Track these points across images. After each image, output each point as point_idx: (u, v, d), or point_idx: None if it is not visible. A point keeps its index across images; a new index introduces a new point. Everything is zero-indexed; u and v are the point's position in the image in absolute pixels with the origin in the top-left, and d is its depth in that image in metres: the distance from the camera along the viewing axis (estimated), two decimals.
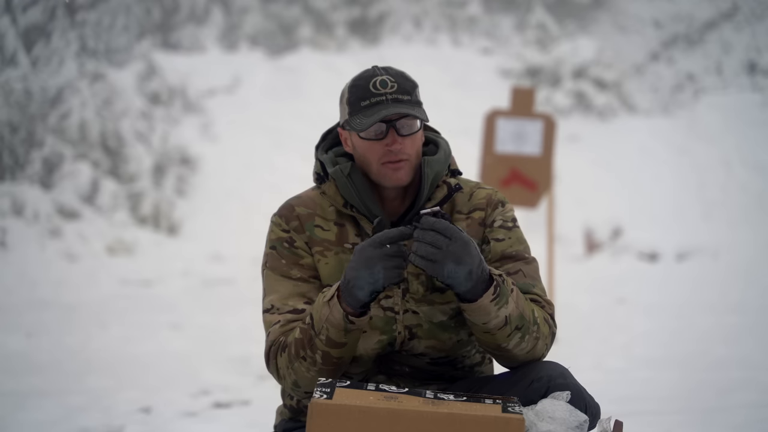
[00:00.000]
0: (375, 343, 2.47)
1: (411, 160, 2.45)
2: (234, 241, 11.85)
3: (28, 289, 9.64)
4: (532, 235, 4.42)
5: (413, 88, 2.45)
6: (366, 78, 2.45)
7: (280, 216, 2.54)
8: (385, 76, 2.44)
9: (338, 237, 2.50)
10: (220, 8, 17.89)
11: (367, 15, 18.16)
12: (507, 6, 18.40)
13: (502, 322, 2.32)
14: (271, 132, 14.21)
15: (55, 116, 12.42)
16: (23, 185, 11.56)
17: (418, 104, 2.45)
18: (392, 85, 2.43)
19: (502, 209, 2.54)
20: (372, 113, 2.40)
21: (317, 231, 2.51)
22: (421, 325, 2.47)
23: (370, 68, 2.49)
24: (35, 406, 5.36)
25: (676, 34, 17.15)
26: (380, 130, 2.43)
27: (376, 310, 2.46)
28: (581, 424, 2.26)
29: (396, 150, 2.42)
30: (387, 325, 2.47)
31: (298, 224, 2.52)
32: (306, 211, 2.53)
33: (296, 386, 2.41)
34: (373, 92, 2.42)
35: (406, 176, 2.45)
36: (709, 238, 12.34)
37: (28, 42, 12.61)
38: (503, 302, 2.31)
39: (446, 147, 2.57)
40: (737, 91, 15.33)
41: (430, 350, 2.49)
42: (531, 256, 2.53)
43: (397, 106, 2.41)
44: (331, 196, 2.51)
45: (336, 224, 2.51)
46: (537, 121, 7.71)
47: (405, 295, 2.47)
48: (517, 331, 2.34)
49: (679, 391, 5.64)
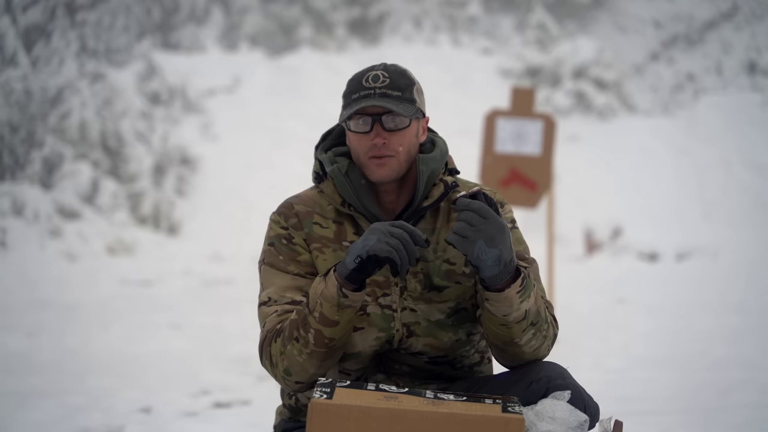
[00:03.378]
0: (373, 340, 2.47)
1: (398, 156, 2.45)
2: (234, 241, 11.85)
3: (28, 289, 9.64)
4: (532, 235, 4.43)
5: (408, 86, 2.45)
6: (362, 72, 2.48)
7: (279, 214, 2.55)
8: (380, 71, 2.45)
9: (336, 234, 2.51)
10: (220, 8, 17.89)
11: (367, 15, 18.17)
12: (507, 6, 18.41)
13: (521, 316, 2.33)
14: (271, 132, 14.21)
15: (55, 116, 12.42)
16: (23, 185, 11.57)
17: (408, 101, 2.44)
18: (384, 80, 2.43)
19: (501, 210, 2.53)
20: (355, 105, 2.42)
21: (316, 228, 2.51)
22: (418, 322, 2.48)
23: (375, 64, 2.51)
24: (35, 406, 5.36)
25: (676, 34, 17.16)
26: (366, 123, 2.43)
27: (374, 308, 2.47)
28: (581, 424, 2.27)
29: (379, 144, 2.42)
30: (385, 323, 2.47)
31: (297, 221, 2.52)
32: (305, 208, 2.54)
33: (287, 374, 2.40)
34: (363, 86, 2.43)
35: (390, 172, 2.45)
36: (709, 238, 12.34)
37: (28, 42, 12.62)
38: (526, 296, 2.32)
39: (443, 145, 2.57)
40: (737, 91, 15.34)
41: (428, 348, 2.50)
42: (531, 257, 2.54)
43: (381, 100, 2.41)
44: (329, 195, 2.52)
45: (335, 222, 2.52)
46: (537, 121, 7.71)
47: (403, 293, 2.48)
48: (532, 326, 2.36)
49: (679, 391, 5.65)
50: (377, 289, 2.47)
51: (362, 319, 2.47)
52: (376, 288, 2.47)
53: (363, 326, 2.46)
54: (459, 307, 2.49)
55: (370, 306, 2.47)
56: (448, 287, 2.48)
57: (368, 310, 2.47)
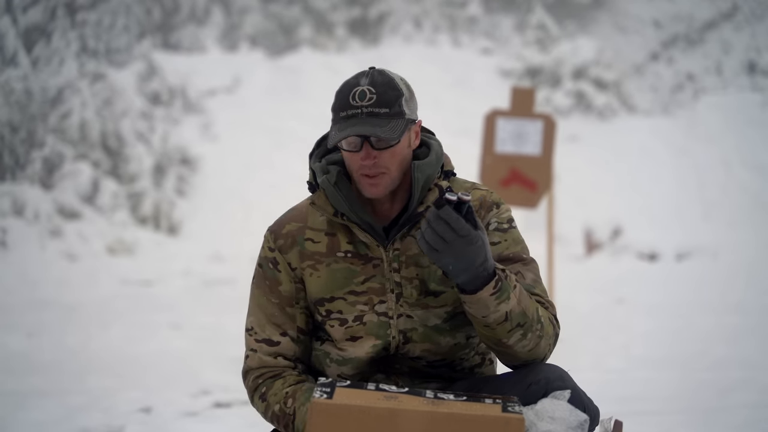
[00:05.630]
0: (369, 348, 2.47)
1: (390, 173, 2.41)
2: (234, 241, 11.85)
3: (28, 289, 9.65)
4: (532, 235, 4.44)
5: (396, 99, 2.38)
6: (349, 86, 2.41)
7: (271, 232, 2.55)
8: (366, 86, 2.38)
9: (329, 247, 2.49)
10: (220, 8, 17.90)
11: (367, 15, 18.17)
12: (507, 6, 18.42)
13: (502, 317, 2.32)
14: (271, 132, 14.22)
15: (56, 116, 12.43)
16: (24, 185, 11.57)
17: (397, 116, 2.38)
18: (371, 97, 2.37)
19: (496, 211, 2.51)
20: (344, 127, 2.38)
21: (308, 244, 2.50)
22: (415, 329, 2.47)
23: (362, 71, 2.45)
24: (35, 406, 5.36)
25: (676, 34, 17.17)
26: (356, 142, 2.40)
27: (371, 316, 2.46)
28: (581, 423, 2.26)
29: (369, 164, 2.39)
30: (381, 330, 2.47)
31: (284, 243, 2.51)
32: (297, 225, 2.52)
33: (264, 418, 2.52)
34: (350, 104, 2.38)
35: (383, 190, 2.42)
36: (709, 238, 12.34)
37: (29, 42, 12.62)
38: (504, 297, 2.30)
39: (438, 148, 2.53)
40: (737, 91, 15.35)
41: (426, 353, 2.49)
42: (529, 256, 2.52)
43: (370, 120, 2.36)
44: (321, 206, 2.49)
45: (327, 234, 2.50)
46: (537, 121, 7.71)
47: (399, 300, 2.46)
48: (519, 327, 2.34)
49: (679, 391, 5.65)
50: (374, 297, 2.46)
51: (359, 329, 2.47)
52: (373, 296, 2.46)
53: (360, 336, 2.47)
54: (456, 312, 2.47)
55: (367, 315, 2.46)
56: (444, 292, 2.46)
57: (365, 319, 2.46)
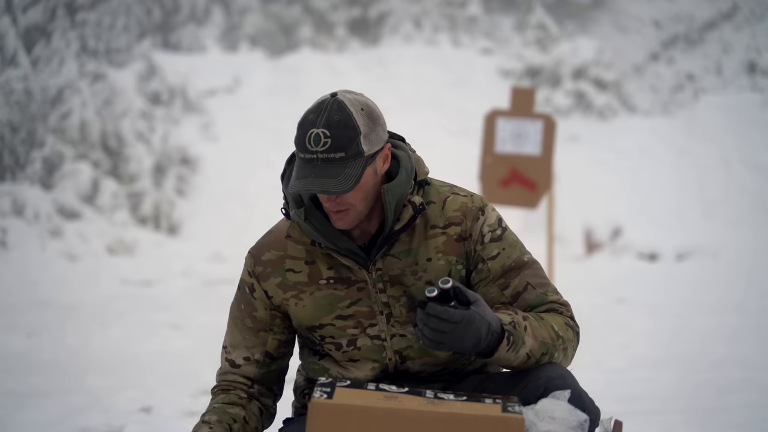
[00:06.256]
0: (369, 371, 2.48)
1: (355, 207, 2.37)
2: (234, 241, 11.83)
3: (28, 289, 9.64)
4: (532, 235, 4.44)
5: (351, 141, 2.30)
6: (307, 124, 2.33)
7: (252, 255, 2.53)
8: (321, 129, 2.30)
9: (310, 276, 2.46)
10: (220, 8, 17.89)
11: (367, 15, 18.17)
12: (507, 6, 18.41)
13: (524, 360, 2.35)
14: (271, 132, 14.21)
15: (56, 116, 12.42)
16: (23, 185, 11.56)
17: (354, 157, 2.30)
18: (325, 141, 2.29)
19: (483, 218, 2.45)
20: (300, 174, 2.32)
21: (289, 275, 2.48)
22: (410, 346, 2.46)
23: (323, 100, 2.36)
24: (35, 406, 5.36)
25: (676, 34, 17.16)
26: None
27: (364, 340, 2.46)
28: (581, 423, 2.26)
29: (333, 205, 2.36)
30: (376, 354, 2.47)
31: (262, 271, 2.50)
32: (276, 254, 2.49)
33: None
34: (307, 147, 2.31)
35: (351, 222, 2.39)
36: (709, 238, 12.34)
37: (29, 42, 12.61)
38: (520, 345, 2.33)
39: (407, 162, 2.43)
40: (737, 91, 15.33)
41: (426, 367, 2.49)
42: (530, 257, 2.49)
43: (325, 169, 2.29)
44: (298, 239, 2.47)
45: (307, 263, 2.47)
46: (537, 121, 7.71)
47: (389, 320, 2.45)
48: (543, 356, 2.37)
49: (679, 391, 5.64)
50: (363, 320, 2.44)
51: (355, 353, 2.46)
52: (362, 319, 2.44)
53: (358, 359, 2.47)
54: None
55: (360, 339, 2.45)
56: None
57: (358, 343, 2.46)
